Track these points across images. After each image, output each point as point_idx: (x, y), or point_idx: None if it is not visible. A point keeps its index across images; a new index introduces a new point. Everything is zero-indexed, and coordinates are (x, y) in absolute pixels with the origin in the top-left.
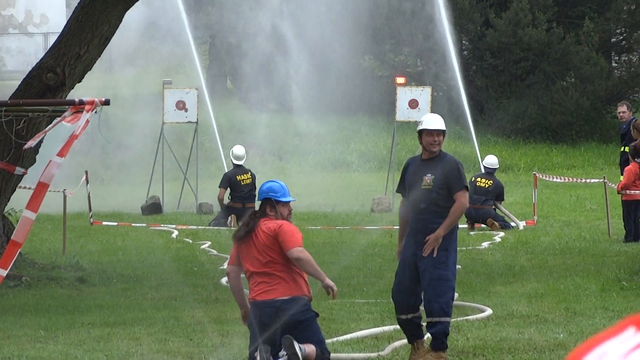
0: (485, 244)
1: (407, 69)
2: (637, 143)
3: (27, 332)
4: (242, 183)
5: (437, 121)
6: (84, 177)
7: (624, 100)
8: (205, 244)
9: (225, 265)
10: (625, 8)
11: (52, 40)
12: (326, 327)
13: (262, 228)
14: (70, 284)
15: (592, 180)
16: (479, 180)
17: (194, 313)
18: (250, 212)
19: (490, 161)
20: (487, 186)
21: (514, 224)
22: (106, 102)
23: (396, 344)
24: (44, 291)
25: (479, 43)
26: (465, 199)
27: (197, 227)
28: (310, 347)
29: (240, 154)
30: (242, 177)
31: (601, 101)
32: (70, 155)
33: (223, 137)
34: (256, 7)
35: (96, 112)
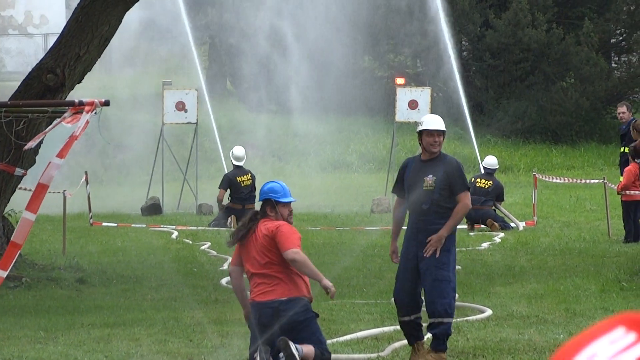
0: (485, 245)
1: (406, 70)
2: (637, 144)
3: (27, 333)
4: (242, 184)
5: (437, 121)
6: (83, 177)
7: (624, 101)
8: (205, 245)
9: (225, 266)
10: (625, 9)
11: (51, 41)
12: (326, 328)
13: (262, 229)
14: (70, 284)
15: (592, 181)
16: (478, 180)
17: (193, 314)
18: (251, 213)
19: (490, 162)
20: (486, 187)
21: (513, 225)
22: (106, 103)
23: (396, 345)
24: (44, 292)
25: (478, 44)
26: (468, 199)
27: (197, 228)
28: (308, 348)
29: (240, 154)
30: (242, 178)
31: (601, 102)
32: (70, 156)
33: (223, 137)
34: (256, 7)
35: (96, 113)
